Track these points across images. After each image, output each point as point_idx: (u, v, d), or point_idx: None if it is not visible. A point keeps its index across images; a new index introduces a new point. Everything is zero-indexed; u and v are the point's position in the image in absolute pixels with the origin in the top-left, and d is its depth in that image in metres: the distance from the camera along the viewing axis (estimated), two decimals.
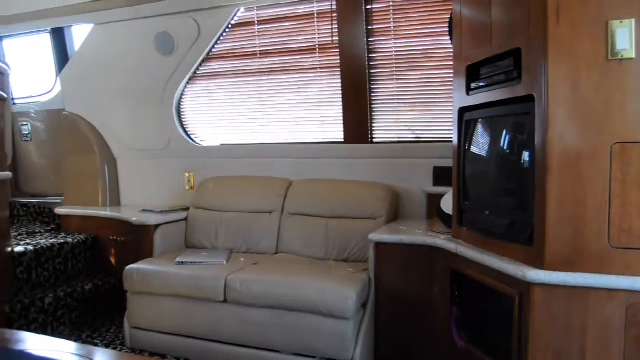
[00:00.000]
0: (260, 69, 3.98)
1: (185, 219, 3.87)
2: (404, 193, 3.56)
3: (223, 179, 3.98)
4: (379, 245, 2.87)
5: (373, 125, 3.69)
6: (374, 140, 3.71)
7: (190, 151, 4.25)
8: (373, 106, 3.67)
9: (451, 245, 2.51)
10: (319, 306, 2.71)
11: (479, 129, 2.46)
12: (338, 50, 3.67)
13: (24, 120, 4.92)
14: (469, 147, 2.52)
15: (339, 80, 3.70)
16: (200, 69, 4.14)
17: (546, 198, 1.89)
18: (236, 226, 3.69)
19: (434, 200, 3.25)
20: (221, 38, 4.02)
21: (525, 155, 2.07)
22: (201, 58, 4.07)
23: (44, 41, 4.86)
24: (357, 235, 3.30)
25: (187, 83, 4.20)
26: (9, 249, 3.42)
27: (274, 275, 2.94)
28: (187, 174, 4.25)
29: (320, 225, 3.46)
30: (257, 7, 3.87)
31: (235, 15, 3.94)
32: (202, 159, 4.21)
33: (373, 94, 3.66)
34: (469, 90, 2.46)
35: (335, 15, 3.65)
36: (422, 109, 3.58)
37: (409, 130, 3.62)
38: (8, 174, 3.32)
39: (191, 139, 4.29)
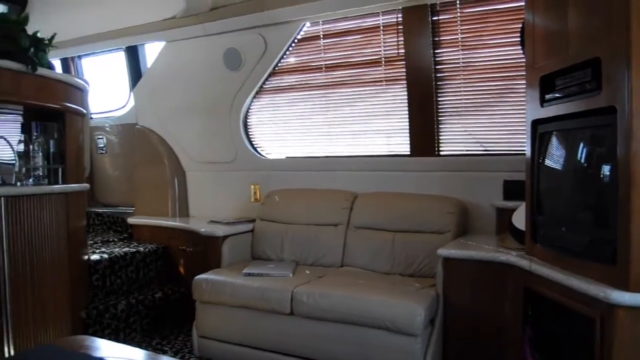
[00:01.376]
0: (325, 83, 4.01)
1: (252, 231, 3.93)
2: (471, 207, 3.47)
3: (288, 191, 4.02)
4: (447, 260, 2.81)
5: (440, 137, 3.64)
6: (441, 153, 3.65)
7: (256, 164, 4.33)
8: (440, 118, 3.61)
9: (524, 263, 2.43)
10: (386, 322, 2.68)
11: (554, 141, 2.37)
12: (404, 62, 3.65)
13: (99, 134, 5.16)
14: (543, 160, 2.43)
15: (405, 93, 3.68)
16: (267, 83, 4.22)
17: (630, 215, 1.78)
18: (301, 238, 3.72)
19: (504, 215, 3.15)
20: (287, 52, 4.08)
21: (606, 169, 1.97)
22: (267, 72, 4.15)
23: (119, 59, 5.10)
24: (424, 249, 3.25)
25: (254, 97, 4.29)
26: (86, 257, 3.57)
27: (341, 289, 2.93)
28: (253, 186, 4.33)
29: (386, 239, 3.42)
30: (322, 21, 3.92)
31: (301, 30, 3.99)
32: (267, 171, 4.28)
33: (440, 106, 3.60)
34: (543, 101, 2.38)
35: (401, 27, 3.64)
36: (491, 121, 3.49)
37: (477, 142, 3.54)
38: (86, 186, 3.47)
39: (257, 151, 4.37)
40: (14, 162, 3.09)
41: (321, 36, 3.97)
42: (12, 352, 2.79)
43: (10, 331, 2.79)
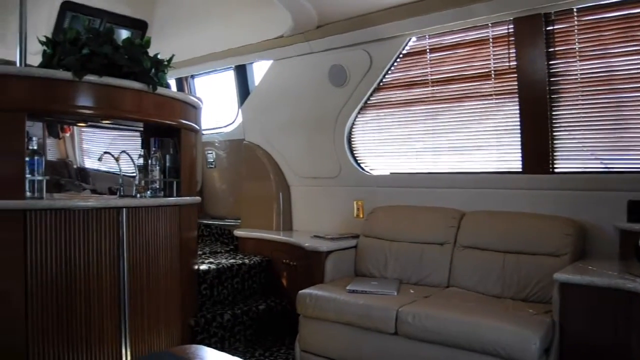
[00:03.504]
0: (431, 98, 3.93)
1: (355, 247, 3.91)
2: (590, 229, 3.22)
3: (393, 208, 3.96)
4: (564, 286, 2.61)
5: (554, 154, 3.42)
6: (556, 170, 3.43)
7: (360, 180, 4.31)
8: (554, 133, 3.40)
9: None
10: (497, 348, 2.53)
11: None
12: (515, 75, 3.49)
13: (209, 149, 5.40)
14: None
15: (517, 107, 3.51)
16: (371, 98, 4.21)
17: None
18: (406, 256, 3.64)
19: (629, 238, 2.89)
20: (392, 68, 4.06)
21: None
22: (372, 88, 4.14)
23: (228, 77, 5.33)
24: (538, 272, 3.06)
25: (358, 113, 4.30)
26: (196, 267, 3.72)
27: (448, 311, 2.82)
28: (356, 202, 4.31)
29: (496, 260, 3.26)
30: (428, 35, 3.85)
31: (406, 44, 3.96)
32: (371, 187, 4.24)
33: (554, 120, 3.39)
34: None
35: (513, 39, 3.49)
36: (613, 136, 3.23)
37: (596, 159, 3.29)
38: (198, 198, 3.63)
39: (361, 167, 4.35)
40: (134, 175, 3.30)
41: (427, 50, 3.90)
42: (129, 357, 2.94)
43: (127, 336, 2.95)
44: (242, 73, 5.16)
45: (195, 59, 5.10)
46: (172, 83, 5.65)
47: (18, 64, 2.80)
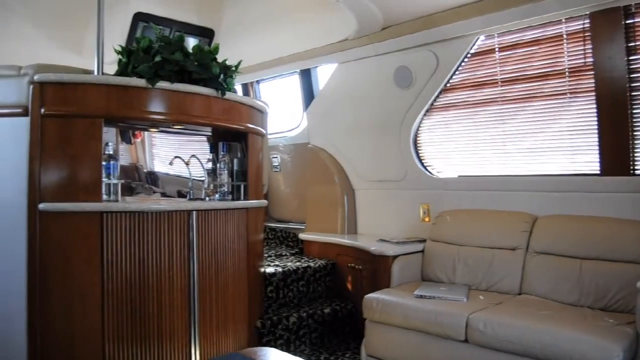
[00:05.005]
0: (501, 98, 3.80)
1: (422, 251, 3.84)
2: None
3: (461, 211, 3.86)
4: None
5: (636, 155, 3.23)
6: (637, 172, 3.23)
7: (427, 183, 4.23)
8: (635, 133, 3.21)
9: None
10: None
11: None
12: (592, 72, 3.32)
13: (274, 153, 5.46)
14: None
15: (593, 106, 3.34)
16: (438, 100, 4.13)
17: None
18: (475, 262, 3.52)
19: None
20: (459, 68, 3.96)
21: None
22: (439, 89, 4.06)
23: (292, 81, 5.38)
24: (619, 280, 2.88)
25: (424, 115, 4.22)
26: (262, 269, 3.76)
27: (522, 319, 2.69)
28: (422, 206, 4.24)
29: (573, 267, 3.09)
30: (497, 34, 3.74)
31: (474, 44, 3.85)
32: (438, 190, 4.15)
33: (635, 119, 3.21)
34: None
35: (589, 34, 3.32)
36: None
37: None
38: (264, 202, 3.67)
39: (427, 170, 4.27)
40: (203, 178, 3.38)
41: (496, 49, 3.78)
42: (198, 356, 3.00)
43: (197, 335, 3.02)
44: (306, 77, 5.19)
45: (261, 64, 5.18)
46: (238, 88, 5.75)
47: (96, 73, 2.92)
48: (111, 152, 2.86)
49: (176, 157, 3.45)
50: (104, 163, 2.75)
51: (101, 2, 3.00)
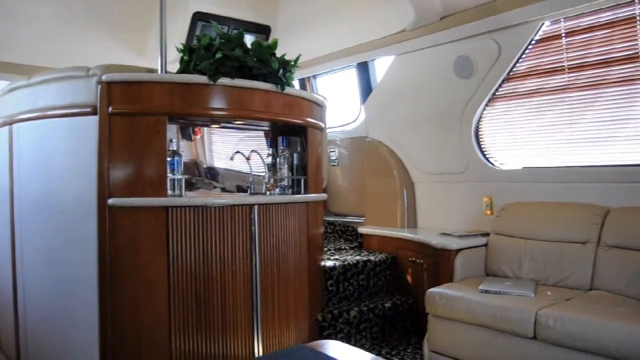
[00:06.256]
0: (568, 85, 3.64)
1: (485, 245, 3.74)
2: None
3: (527, 204, 3.73)
4: None
5: None
6: None
7: (489, 175, 4.11)
8: None
9: None
10: None
11: None
12: None
13: (331, 147, 5.46)
14: None
15: None
16: (500, 89, 4.00)
17: None
18: (542, 256, 3.39)
19: None
20: (523, 56, 3.82)
21: None
22: (501, 79, 3.92)
23: (349, 75, 5.35)
24: None
25: (486, 105, 4.10)
26: (322, 263, 3.77)
27: (595, 316, 2.57)
28: (485, 199, 4.13)
29: None
30: (564, 18, 3.58)
31: (539, 30, 3.70)
32: (501, 182, 4.03)
33: None
34: None
35: None
36: None
37: None
38: (324, 195, 3.67)
39: (490, 162, 4.15)
40: (263, 173, 3.41)
41: (563, 34, 3.62)
42: (261, 351, 3.04)
43: (259, 328, 3.05)
44: (364, 70, 5.15)
45: (318, 58, 5.17)
46: (295, 84, 5.77)
47: (159, 71, 2.99)
48: (175, 148, 2.94)
49: (237, 152, 3.49)
50: (168, 159, 2.83)
51: (163, 3, 3.07)
